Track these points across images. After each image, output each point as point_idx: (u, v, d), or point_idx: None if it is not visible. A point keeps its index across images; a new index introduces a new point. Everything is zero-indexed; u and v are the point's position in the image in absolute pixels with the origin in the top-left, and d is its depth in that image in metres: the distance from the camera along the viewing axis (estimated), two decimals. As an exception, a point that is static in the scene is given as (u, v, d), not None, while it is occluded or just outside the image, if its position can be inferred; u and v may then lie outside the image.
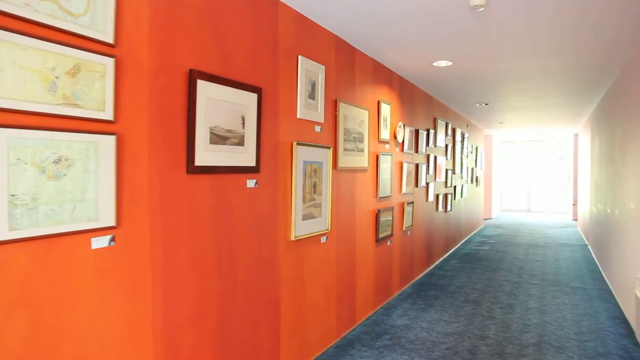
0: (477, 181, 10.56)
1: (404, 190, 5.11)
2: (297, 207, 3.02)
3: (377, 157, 4.34)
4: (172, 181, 2.08)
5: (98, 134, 1.73)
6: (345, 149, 3.67)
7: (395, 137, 4.83)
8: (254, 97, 2.58)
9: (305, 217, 3.13)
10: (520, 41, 3.68)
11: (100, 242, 1.75)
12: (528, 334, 3.86)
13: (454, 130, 7.82)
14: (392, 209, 4.71)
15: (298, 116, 3.04)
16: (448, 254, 7.51)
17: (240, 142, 2.50)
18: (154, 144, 1.98)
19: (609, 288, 5.33)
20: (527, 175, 16.25)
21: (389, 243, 4.73)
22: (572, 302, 4.77)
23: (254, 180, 2.62)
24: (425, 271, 6.14)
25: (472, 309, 4.53)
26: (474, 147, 10.05)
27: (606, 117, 5.97)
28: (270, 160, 2.77)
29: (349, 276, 3.84)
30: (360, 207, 4.04)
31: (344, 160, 3.67)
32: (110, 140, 1.77)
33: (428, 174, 6.20)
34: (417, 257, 5.77)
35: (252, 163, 2.59)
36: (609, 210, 5.68)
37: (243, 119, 2.51)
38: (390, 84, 4.72)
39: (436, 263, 6.71)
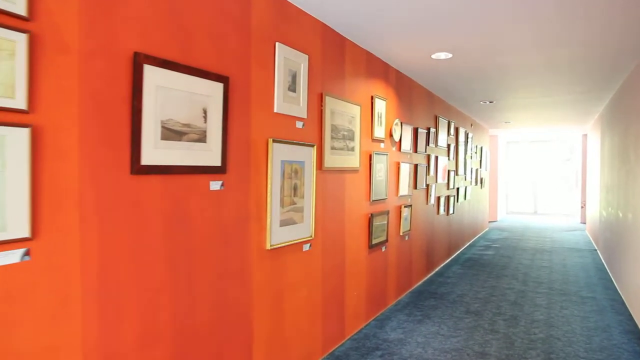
0: (481, 183, 10.19)
1: (401, 192, 4.78)
2: (274, 212, 2.70)
3: (371, 156, 4.02)
4: (111, 183, 1.77)
5: (5, 125, 1.42)
6: (332, 148, 3.35)
7: (391, 135, 4.50)
8: (218, 87, 2.26)
9: (284, 223, 2.81)
10: (523, 31, 3.34)
11: (8, 258, 1.44)
12: (533, 350, 3.51)
13: (457, 130, 7.47)
14: (387, 212, 4.38)
15: (275, 110, 2.72)
16: (450, 259, 7.16)
17: (202, 139, 2.18)
18: (86, 139, 1.66)
19: (621, 298, 4.96)
20: (534, 176, 15.83)
21: (383, 249, 4.40)
22: (582, 314, 4.40)
23: (220, 182, 2.30)
24: (425, 278, 5.80)
25: (473, 321, 4.18)
26: (479, 147, 9.69)
27: (619, 115, 5.60)
28: (240, 160, 2.45)
29: (337, 286, 3.52)
30: (351, 211, 3.71)
31: (331, 160, 3.34)
32: (23, 133, 1.46)
33: (428, 175, 5.86)
34: (416, 264, 5.43)
35: (217, 162, 2.28)
36: (620, 214, 5.31)
37: (205, 111, 2.20)
38: (385, 79, 4.39)
39: (437, 269, 6.37)
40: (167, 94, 1.99)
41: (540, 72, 4.75)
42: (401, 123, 4.73)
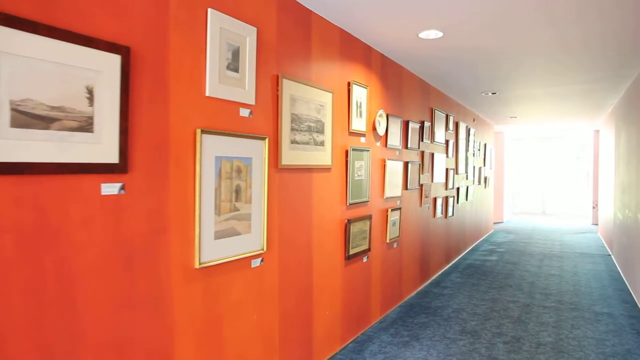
0: (485, 182, 9.55)
1: (387, 194, 4.20)
2: (205, 221, 2.14)
3: (347, 153, 3.45)
4: None
5: None
6: (293, 142, 2.79)
7: (374, 129, 3.92)
8: (113, 60, 1.71)
9: (222, 235, 2.25)
10: (528, 2, 2.75)
11: None
12: (538, 384, 2.92)
13: (456, 124, 6.86)
14: (369, 217, 3.80)
15: (208, 94, 2.16)
16: (449, 265, 6.55)
17: (85, 127, 1.63)
18: None
19: (642, 314, 4.34)
20: (542, 175, 15.13)
21: (365, 260, 3.83)
22: (597, 335, 3.80)
23: (118, 185, 1.75)
24: (419, 289, 5.21)
25: (468, 343, 3.60)
26: (482, 144, 9.06)
27: (637, 107, 4.96)
28: (152, 156, 1.90)
29: (300, 306, 2.95)
30: (321, 217, 3.14)
31: (292, 156, 2.78)
32: None
33: (422, 174, 5.27)
34: (407, 274, 4.84)
35: (112, 159, 1.72)
36: (639, 217, 4.69)
37: (90, 91, 1.64)
38: (367, 63, 3.82)
39: (433, 278, 5.77)
40: (20, 65, 1.44)
41: (549, 55, 4.14)
42: (387, 115, 4.15)
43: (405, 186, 4.71)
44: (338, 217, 3.37)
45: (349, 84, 3.48)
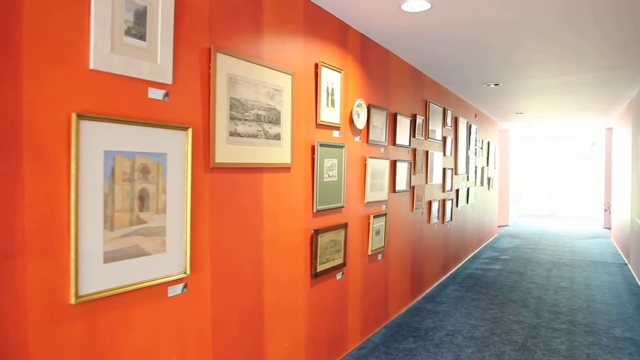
0: (489, 183, 8.91)
1: (369, 197, 3.61)
2: (88, 238, 1.56)
3: (314, 149, 2.86)
4: None
5: None
6: (234, 134, 2.20)
7: (351, 121, 3.33)
8: None
9: (118, 256, 1.67)
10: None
11: None
12: None
13: (455, 120, 6.24)
14: (344, 226, 3.21)
15: (92, 66, 1.58)
16: (446, 276, 5.93)
17: None
18: None
19: (668, 339, 3.71)
20: (550, 176, 14.43)
21: (339, 276, 3.23)
22: (616, 368, 3.18)
23: None
24: (410, 305, 4.61)
25: (461, 378, 2.99)
26: (485, 142, 8.42)
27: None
28: (-12, 148, 1.32)
29: (247, 341, 2.36)
30: (275, 228, 2.56)
31: (232, 153, 2.20)
32: None
33: (414, 174, 4.66)
34: (395, 289, 4.24)
35: None
36: (665, 226, 4.06)
37: None
38: (342, 43, 3.22)
39: (427, 291, 5.16)
40: None
41: (557, 33, 3.52)
42: (368, 105, 3.56)
43: (393, 188, 4.10)
44: (301, 227, 2.78)
45: (316, 65, 2.89)
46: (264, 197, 2.44)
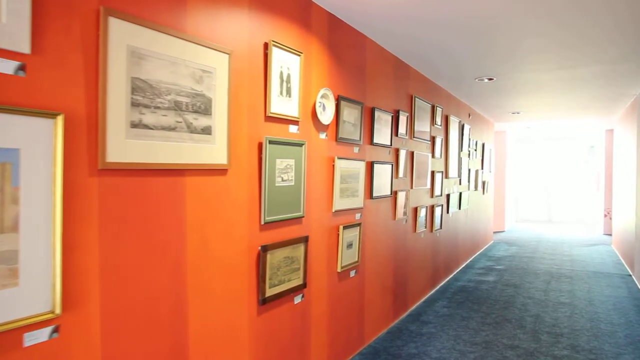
0: (484, 187, 8.41)
1: (338, 205, 3.09)
2: None
3: (262, 146, 2.34)
4: None
5: None
6: (138, 125, 1.68)
7: (315, 114, 2.81)
8: None
9: None
10: None
11: None
12: None
13: (446, 118, 5.74)
14: (304, 239, 2.68)
15: None
16: (435, 290, 5.41)
17: None
18: None
19: (686, 369, 3.19)
20: (548, 179, 13.96)
21: (298, 300, 2.71)
22: (629, 410, 2.66)
23: None
24: (391, 325, 4.08)
25: None
26: (480, 143, 7.92)
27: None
28: None
29: (164, 393, 1.83)
30: (204, 246, 2.03)
31: (136, 149, 1.67)
32: None
33: (396, 178, 4.15)
34: (373, 309, 3.71)
35: None
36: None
37: None
38: (304, 21, 2.71)
39: (413, 308, 4.64)
40: None
41: (561, 13, 3.02)
42: (337, 97, 3.04)
43: (370, 194, 3.58)
44: (243, 244, 2.25)
45: (266, 45, 2.37)
46: (187, 207, 1.92)
